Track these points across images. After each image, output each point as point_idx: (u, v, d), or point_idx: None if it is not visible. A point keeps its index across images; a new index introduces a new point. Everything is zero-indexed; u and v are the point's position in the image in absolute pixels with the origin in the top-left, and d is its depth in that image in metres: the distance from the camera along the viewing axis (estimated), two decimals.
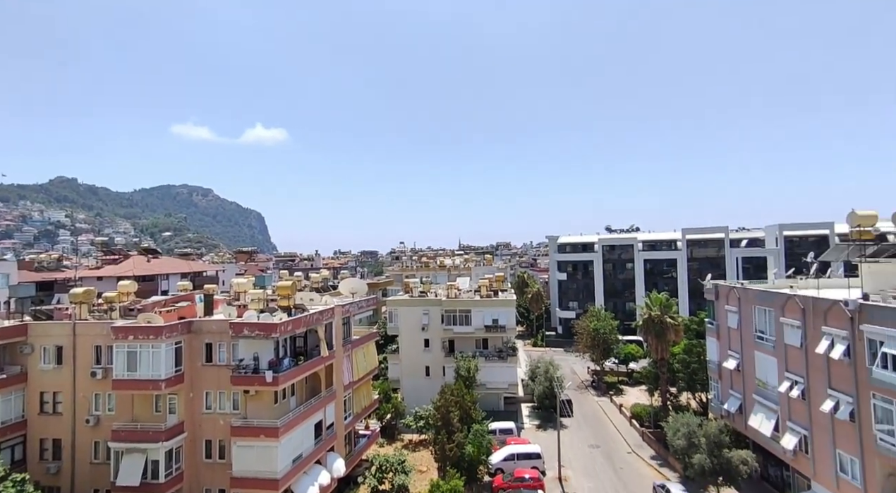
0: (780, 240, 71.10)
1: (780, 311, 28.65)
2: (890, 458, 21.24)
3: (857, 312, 22.81)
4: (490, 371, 48.13)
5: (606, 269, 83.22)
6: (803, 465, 27.14)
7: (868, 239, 28.20)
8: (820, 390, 25.32)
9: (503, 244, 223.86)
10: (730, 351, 34.54)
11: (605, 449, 40.53)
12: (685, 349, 43.16)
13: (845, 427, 23.66)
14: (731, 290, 34.61)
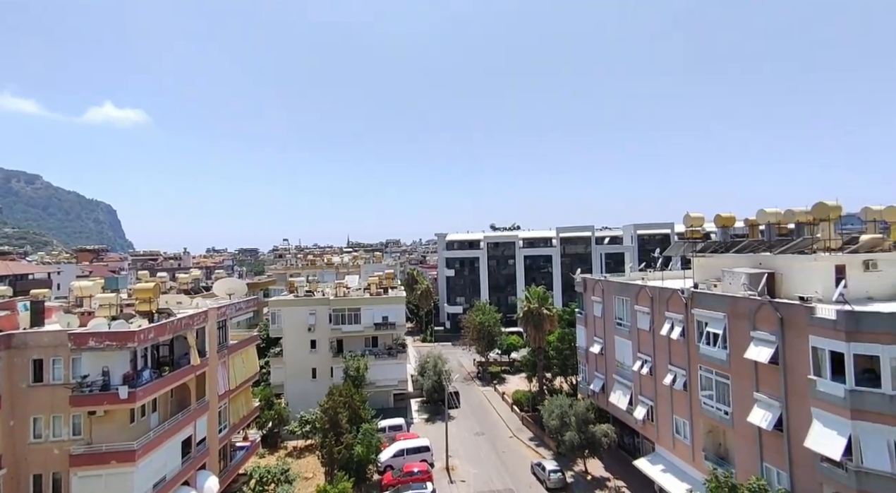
0: (634, 238, 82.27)
1: (634, 300, 33.01)
2: (709, 418, 25.81)
3: (690, 298, 27.25)
4: (380, 369, 47.74)
5: (491, 265, 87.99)
6: (650, 431, 31.69)
7: (698, 237, 33.87)
8: (663, 367, 29.76)
9: (393, 242, 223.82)
10: (595, 337, 38.87)
11: (489, 436, 42.85)
12: (559, 338, 47.52)
13: (680, 396, 28.16)
14: (596, 283, 38.94)
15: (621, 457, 35.49)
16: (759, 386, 22.46)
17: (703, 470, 25.43)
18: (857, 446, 17.89)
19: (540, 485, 33.43)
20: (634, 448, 34.89)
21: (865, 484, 17.59)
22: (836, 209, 25.41)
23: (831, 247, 24.71)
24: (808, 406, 19.79)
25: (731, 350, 24.17)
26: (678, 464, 28.57)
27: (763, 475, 21.93)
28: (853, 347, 18.16)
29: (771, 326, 21.79)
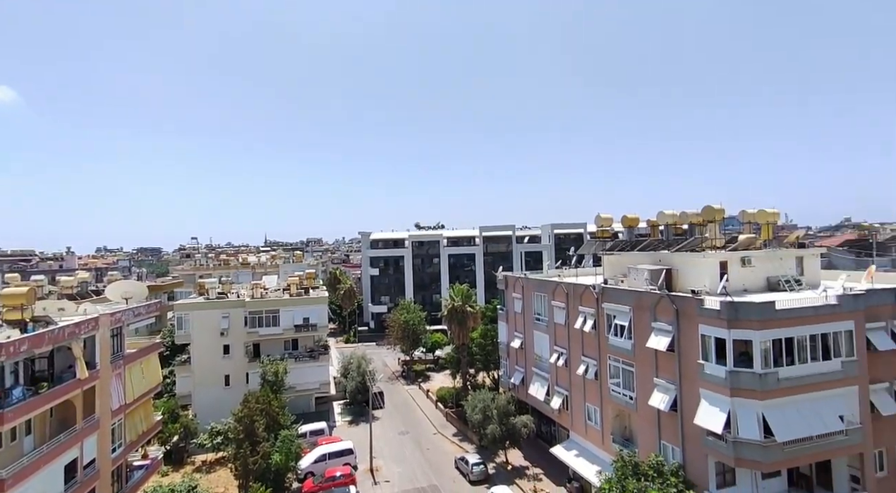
0: (551, 237, 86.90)
1: (552, 296, 34.84)
2: (617, 404, 28.02)
3: (601, 293, 29.34)
4: (301, 372, 45.79)
5: (416, 264, 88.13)
6: (565, 419, 33.68)
7: (607, 237, 36.60)
8: (577, 358, 31.74)
9: (314, 240, 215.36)
10: (516, 332, 40.46)
11: (413, 434, 42.90)
12: (482, 334, 48.82)
13: (592, 385, 30.25)
14: (516, 280, 40.54)
15: (539, 446, 37.32)
16: (659, 372, 24.78)
17: (611, 452, 27.52)
18: (734, 420, 20.42)
19: (463, 479, 34.12)
20: (551, 436, 36.85)
21: (740, 452, 20.15)
22: (720, 212, 28.80)
23: (716, 245, 27.97)
24: (697, 388, 22.19)
25: (635, 340, 26.40)
26: (590, 448, 30.67)
27: (661, 452, 24.26)
28: (733, 333, 20.68)
29: (668, 317, 24.13)
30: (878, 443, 21.97)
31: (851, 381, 21.33)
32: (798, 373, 20.57)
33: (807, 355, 20.82)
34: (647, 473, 22.58)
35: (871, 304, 22.24)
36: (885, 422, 21.94)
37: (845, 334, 21.43)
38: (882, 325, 22.49)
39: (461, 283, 56.50)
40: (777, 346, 20.52)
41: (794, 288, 26.12)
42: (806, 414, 20.40)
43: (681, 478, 22.24)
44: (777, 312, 20.43)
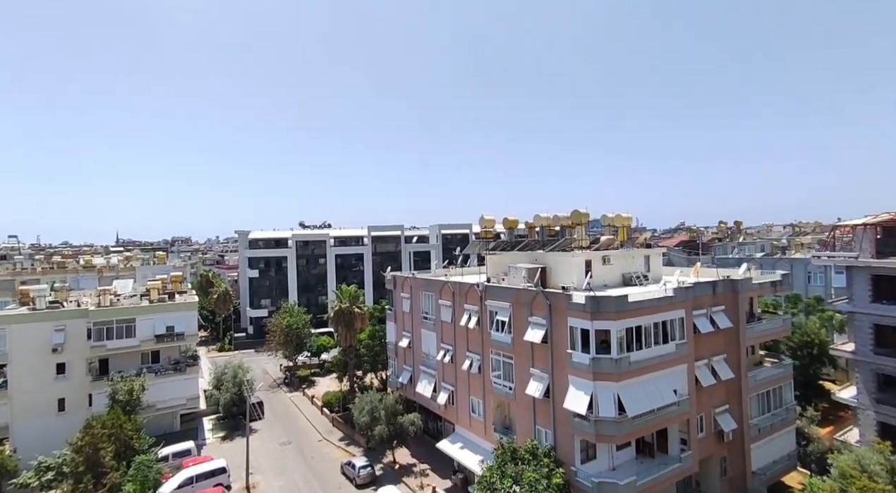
0: (438, 237, 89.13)
1: (439, 295, 35.72)
2: (498, 395, 29.78)
3: (484, 291, 30.88)
4: (163, 388, 40.52)
5: (300, 264, 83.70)
6: (451, 414, 34.80)
7: (490, 237, 38.67)
8: (462, 354, 33.00)
9: (181, 239, 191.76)
10: (404, 332, 40.68)
11: (296, 443, 40.66)
12: (370, 335, 48.15)
13: (476, 379, 31.70)
14: (405, 280, 40.77)
15: (426, 442, 38.01)
16: (535, 363, 26.89)
17: (493, 441, 29.12)
18: (595, 401, 23.03)
19: (350, 484, 33.29)
20: (438, 432, 37.78)
21: (600, 429, 22.81)
22: (585, 216, 32.25)
23: (583, 246, 31.27)
24: (566, 375, 24.55)
25: (514, 334, 28.30)
26: (474, 440, 32.10)
27: (536, 437, 26.37)
28: (595, 324, 23.29)
29: (543, 311, 26.31)
30: (699, 410, 26.59)
31: (682, 360, 25.47)
32: (644, 356, 23.93)
33: (651, 341, 24.34)
34: (524, 457, 24.38)
35: (697, 295, 26.81)
36: (704, 392, 26.62)
37: (679, 321, 25.52)
38: (704, 312, 27.23)
39: (349, 283, 55.05)
40: (629, 333, 23.63)
41: (643, 283, 30.39)
42: (650, 391, 23.84)
43: (552, 458, 24.42)
44: (630, 304, 23.51)
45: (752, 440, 28.17)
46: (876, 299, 29.26)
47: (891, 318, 28.39)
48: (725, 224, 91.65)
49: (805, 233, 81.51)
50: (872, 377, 29.67)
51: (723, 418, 27.51)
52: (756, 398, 29.18)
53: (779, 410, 30.31)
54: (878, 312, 28.99)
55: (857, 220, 31.05)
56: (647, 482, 23.52)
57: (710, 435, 27.28)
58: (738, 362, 28.15)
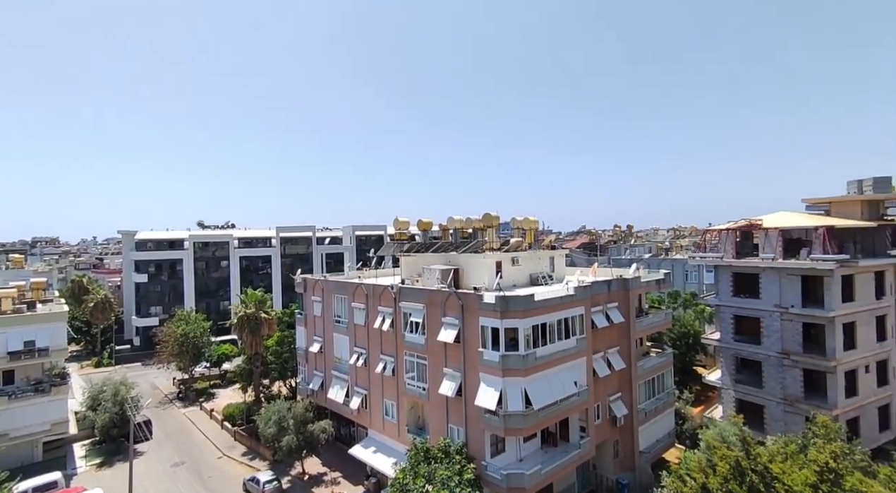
0: (352, 238, 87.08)
1: (352, 297, 34.86)
2: (412, 396, 29.80)
3: (398, 293, 30.73)
4: (18, 413, 34.67)
5: (199, 267, 76.76)
6: (364, 419, 34.09)
7: (405, 239, 38.63)
8: (376, 357, 32.50)
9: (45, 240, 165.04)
10: (315, 336, 39.07)
11: (191, 463, 37.07)
12: (278, 341, 45.54)
13: (390, 381, 31.41)
14: (316, 282, 39.21)
15: (338, 449, 36.81)
16: (448, 362, 27.33)
17: (406, 443, 29.04)
18: (504, 397, 24.01)
19: None
20: (351, 438, 36.80)
21: (509, 423, 23.82)
22: (496, 219, 33.53)
23: (494, 248, 32.47)
24: (478, 373, 25.29)
25: (428, 335, 28.51)
26: (388, 443, 31.75)
27: (448, 435, 26.80)
28: (504, 322, 24.28)
29: (455, 311, 26.83)
30: (596, 399, 28.92)
31: (582, 354, 27.53)
32: (549, 351, 25.46)
33: (555, 337, 25.96)
34: (437, 456, 24.65)
35: (594, 293, 29.16)
36: (600, 382, 29.03)
37: (579, 317, 27.54)
38: (600, 309, 29.68)
39: (256, 287, 51.68)
40: (536, 330, 24.97)
41: (548, 282, 32.35)
42: (553, 384, 25.41)
43: (464, 455, 24.98)
44: (536, 303, 24.87)
45: (640, 423, 31.26)
46: (736, 294, 34.10)
47: (747, 309, 33.27)
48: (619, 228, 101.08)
49: (684, 236, 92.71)
50: (732, 361, 34.53)
51: (616, 404, 30.18)
52: (644, 385, 32.43)
53: (661, 394, 33.99)
54: (737, 304, 33.83)
55: (722, 225, 35.99)
56: (551, 469, 25.04)
57: (605, 421, 29.79)
58: (629, 354, 31.08)
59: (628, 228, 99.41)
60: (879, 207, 34.46)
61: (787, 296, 30.95)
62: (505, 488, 23.75)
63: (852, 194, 33.91)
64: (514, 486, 23.71)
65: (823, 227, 30.25)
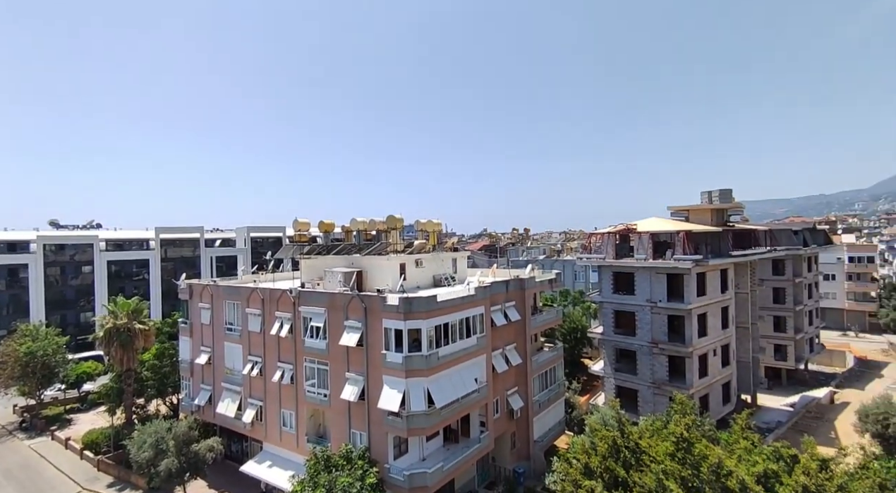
0: (247, 240, 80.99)
1: (246, 303, 32.40)
2: (312, 403, 28.56)
3: (297, 297, 29.28)
4: None
5: (52, 274, 65.52)
6: (258, 432, 31.83)
7: (305, 241, 36.98)
8: (273, 365, 30.57)
9: None
10: (203, 347, 35.58)
11: None
12: (157, 354, 40.71)
13: (288, 390, 29.75)
14: (204, 288, 35.78)
15: (229, 468, 33.87)
16: (350, 366, 26.66)
17: (306, 453, 27.68)
18: (408, 397, 24.08)
19: None
20: (243, 454, 34.12)
21: (412, 423, 23.92)
22: (400, 221, 33.57)
23: (398, 250, 32.46)
24: (381, 375, 25.03)
25: (329, 340, 27.56)
26: (285, 455, 29.98)
27: (350, 441, 26.14)
28: (408, 324, 24.37)
29: (358, 314, 26.31)
30: (495, 394, 30.28)
31: (482, 351, 28.65)
32: (451, 350, 26.08)
33: (457, 336, 26.68)
34: (339, 463, 23.88)
35: (494, 293, 30.54)
36: (499, 378, 30.46)
37: (479, 316, 28.62)
38: (499, 307, 31.14)
39: (128, 295, 45.53)
40: (438, 331, 25.44)
41: (451, 283, 33.17)
42: (455, 382, 26.09)
43: (366, 459, 24.54)
44: (439, 303, 25.34)
45: (534, 414, 33.36)
46: (616, 291, 38.07)
47: (624, 305, 37.32)
48: (517, 231, 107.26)
49: (574, 239, 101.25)
50: (613, 352, 38.47)
51: (513, 398, 31.88)
52: (538, 378, 34.69)
53: (553, 386, 36.66)
54: (617, 300, 37.80)
55: (604, 229, 39.99)
56: (453, 465, 25.64)
57: (504, 415, 31.30)
58: (525, 349, 33.03)
59: (525, 231, 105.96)
60: (724, 215, 40.98)
61: (656, 292, 35.34)
62: (407, 488, 23.76)
63: (704, 204, 39.89)
64: (417, 486, 23.84)
65: (683, 231, 35.11)
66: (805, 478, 13.67)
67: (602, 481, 16.95)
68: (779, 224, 67.64)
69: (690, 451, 15.63)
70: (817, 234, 59.34)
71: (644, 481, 15.42)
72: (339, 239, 37.58)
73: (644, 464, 16.54)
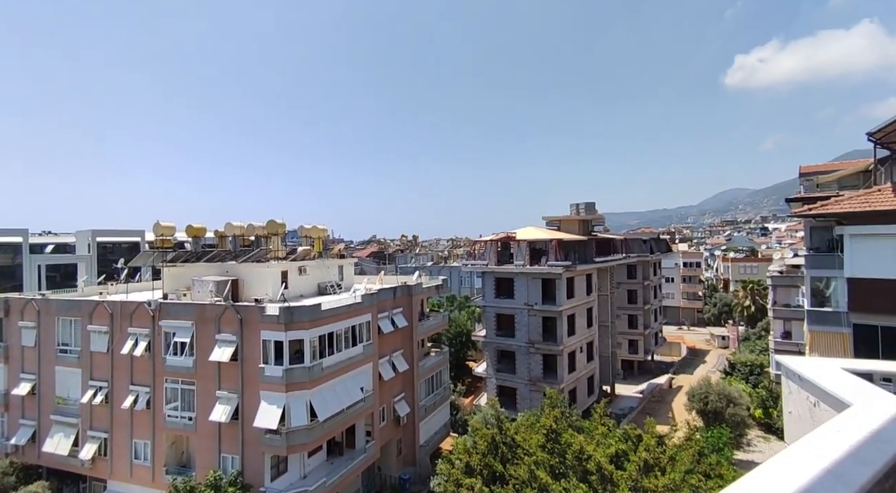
0: (93, 246, 69.18)
1: (88, 319, 27.61)
2: (173, 429, 25.37)
3: (158, 310, 25.84)
4: None
5: None
6: (101, 469, 27.20)
7: (169, 247, 32.84)
8: (123, 389, 26.44)
9: None
10: (24, 374, 29.38)
11: None
12: None
13: (142, 416, 25.97)
14: (27, 303, 29.64)
15: None
16: (222, 384, 24.23)
17: (163, 487, 24.40)
18: (288, 413, 22.66)
19: None
20: None
21: (292, 440, 22.53)
22: (282, 226, 31.69)
23: (279, 256, 30.53)
24: (258, 391, 23.18)
25: (197, 356, 24.76)
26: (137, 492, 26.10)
27: (220, 466, 23.71)
28: (289, 334, 22.99)
29: (233, 327, 24.10)
30: (382, 402, 29.97)
31: (369, 359, 28.19)
32: (336, 360, 25.21)
33: (343, 345, 25.89)
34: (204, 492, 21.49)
35: (381, 299, 30.31)
36: (386, 385, 30.23)
37: (366, 324, 28.15)
38: (387, 314, 30.99)
39: None
40: (323, 340, 24.42)
41: (337, 291, 32.11)
42: (340, 392, 25.24)
43: (238, 485, 22.47)
44: (323, 312, 24.35)
45: (420, 419, 33.72)
46: (497, 296, 40.41)
47: (505, 308, 39.76)
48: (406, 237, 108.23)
49: (460, 246, 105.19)
50: (495, 353, 40.69)
51: (400, 405, 31.86)
52: (424, 383, 35.17)
53: (439, 390, 37.48)
54: (499, 304, 40.13)
55: (488, 237, 42.28)
56: (336, 479, 24.67)
57: (390, 422, 31.10)
58: (412, 355, 33.28)
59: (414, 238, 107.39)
60: (589, 225, 46.09)
61: (533, 295, 38.31)
62: None
63: (573, 215, 44.44)
64: None
65: (555, 240, 38.66)
66: (646, 454, 15.85)
67: (482, 477, 17.72)
68: (632, 234, 78.18)
69: (558, 441, 17.14)
70: (660, 243, 69.94)
71: (518, 473, 16.49)
72: (211, 245, 34.11)
73: (519, 457, 17.70)
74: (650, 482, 14.74)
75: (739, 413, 34.71)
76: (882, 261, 15.99)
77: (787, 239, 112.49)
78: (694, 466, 15.66)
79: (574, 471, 15.94)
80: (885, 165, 21.13)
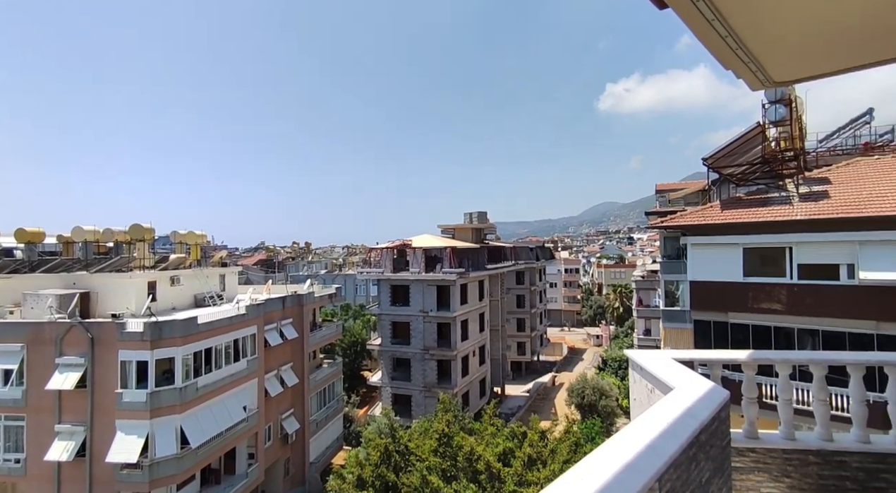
0: None
1: None
2: None
3: None
4: None
5: None
6: None
7: None
8: None
9: None
10: None
11: None
12: None
13: None
14: None
15: None
16: (63, 417, 20.55)
17: None
18: (152, 442, 19.96)
19: None
20: None
21: (156, 473, 19.86)
22: (149, 231, 28.09)
23: (146, 265, 26.97)
24: (113, 421, 20.08)
25: (28, 386, 20.73)
26: None
27: None
28: (156, 353, 20.34)
29: (81, 348, 20.65)
30: (268, 420, 27.88)
31: (253, 375, 26.07)
32: (215, 378, 22.87)
33: (222, 361, 23.59)
34: None
35: (268, 310, 28.31)
36: (273, 401, 28.21)
37: (251, 337, 26.03)
38: (274, 326, 29.01)
39: None
40: (198, 357, 22.01)
41: (217, 302, 29.24)
42: (218, 414, 22.92)
43: None
44: (200, 326, 21.99)
45: (311, 435, 32.03)
46: (393, 303, 40.18)
47: (401, 316, 39.67)
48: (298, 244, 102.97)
49: (356, 253, 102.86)
50: (390, 362, 40.33)
51: (288, 421, 29.93)
52: (316, 396, 33.53)
53: (332, 402, 36.02)
54: (394, 312, 39.91)
55: (384, 244, 41.96)
56: None
57: (276, 441, 29.04)
58: (302, 368, 31.55)
59: (307, 245, 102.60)
60: (481, 233, 48.17)
61: (428, 302, 38.78)
62: None
63: (466, 223, 46.11)
64: None
65: (449, 248, 39.69)
66: (530, 449, 16.88)
67: (374, 489, 17.33)
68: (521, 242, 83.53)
69: (450, 444, 17.46)
70: (545, 250, 75.79)
71: (411, 480, 16.44)
72: (53, 253, 28.91)
73: (412, 464, 17.66)
74: (533, 475, 15.69)
75: (610, 404, 38.77)
76: (712, 266, 19.15)
77: (648, 247, 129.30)
78: (571, 456, 17.05)
79: (465, 472, 16.34)
80: (716, 185, 25.43)
